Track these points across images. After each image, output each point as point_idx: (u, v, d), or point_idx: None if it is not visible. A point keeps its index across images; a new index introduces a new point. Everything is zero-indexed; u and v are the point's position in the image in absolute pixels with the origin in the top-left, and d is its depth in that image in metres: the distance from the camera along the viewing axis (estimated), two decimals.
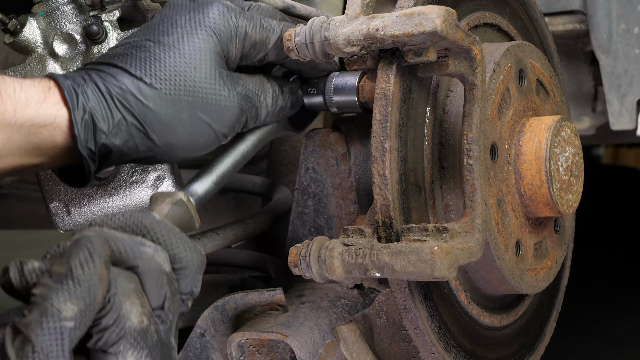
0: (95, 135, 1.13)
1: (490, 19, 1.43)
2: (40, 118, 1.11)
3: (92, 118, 1.12)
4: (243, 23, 1.24)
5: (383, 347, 1.31)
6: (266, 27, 1.27)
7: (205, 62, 1.20)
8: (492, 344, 1.42)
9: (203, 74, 1.19)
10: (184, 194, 1.26)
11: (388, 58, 1.21)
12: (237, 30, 1.23)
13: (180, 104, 1.18)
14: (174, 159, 1.24)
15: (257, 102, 1.27)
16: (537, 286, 1.42)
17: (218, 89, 1.21)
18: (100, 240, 0.91)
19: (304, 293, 1.40)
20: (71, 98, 1.12)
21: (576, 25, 2.03)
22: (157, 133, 1.17)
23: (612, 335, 2.98)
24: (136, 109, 1.15)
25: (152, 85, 1.16)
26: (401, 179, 1.22)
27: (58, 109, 1.12)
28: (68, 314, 0.86)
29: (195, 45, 1.19)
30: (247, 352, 1.32)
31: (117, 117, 1.14)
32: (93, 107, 1.13)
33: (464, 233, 1.20)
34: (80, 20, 1.30)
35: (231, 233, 1.51)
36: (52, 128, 1.12)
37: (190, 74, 1.18)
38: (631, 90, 1.98)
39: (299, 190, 1.43)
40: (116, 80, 1.15)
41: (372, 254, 1.15)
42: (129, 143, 1.16)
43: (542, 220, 1.43)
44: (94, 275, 0.88)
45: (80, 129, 1.12)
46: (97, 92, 1.14)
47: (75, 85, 1.13)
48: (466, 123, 1.23)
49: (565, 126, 1.40)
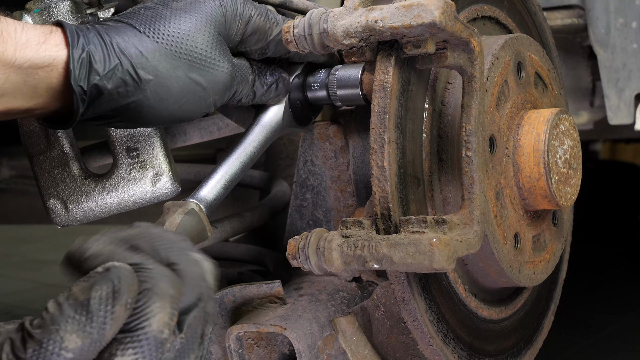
0: (90, 75, 1.14)
1: (489, 11, 1.43)
2: (39, 59, 1.12)
3: (89, 58, 1.14)
4: (250, 7, 1.28)
5: (381, 339, 1.31)
6: (271, 18, 1.30)
7: (209, 28, 1.24)
8: (491, 337, 1.42)
9: (205, 38, 1.23)
10: (196, 204, 1.26)
11: (387, 50, 1.21)
12: (242, 10, 1.27)
13: (178, 61, 1.21)
14: (160, 118, 1.24)
15: (247, 81, 1.31)
16: (536, 279, 1.42)
17: (216, 54, 1.24)
18: (129, 279, 0.88)
19: (303, 286, 1.40)
20: (72, 38, 1.14)
21: (574, 20, 2.02)
22: (150, 85, 1.19)
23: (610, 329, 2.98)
24: (135, 58, 1.17)
25: (153, 40, 1.20)
26: (400, 171, 1.22)
27: (58, 50, 1.14)
28: (70, 346, 0.84)
29: (202, 11, 1.24)
30: (246, 345, 1.32)
31: (114, 62, 1.16)
32: (92, 49, 1.15)
33: (462, 225, 1.20)
34: (76, 18, 1.30)
35: (229, 226, 1.51)
36: (50, 69, 1.13)
37: (192, 36, 1.22)
38: (629, 84, 1.98)
39: (298, 183, 1.43)
40: (120, 32, 1.19)
41: (370, 245, 1.15)
42: (121, 89, 1.17)
43: (540, 213, 1.43)
44: (109, 315, 0.86)
45: (76, 65, 1.13)
46: (98, 38, 1.16)
47: (79, 29, 1.16)
48: (465, 115, 1.23)
49: (564, 119, 1.40)
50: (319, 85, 1.36)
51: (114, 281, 0.87)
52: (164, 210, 1.29)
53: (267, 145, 1.37)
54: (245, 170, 1.33)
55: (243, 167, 1.32)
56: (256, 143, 1.34)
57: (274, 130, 1.36)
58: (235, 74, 1.28)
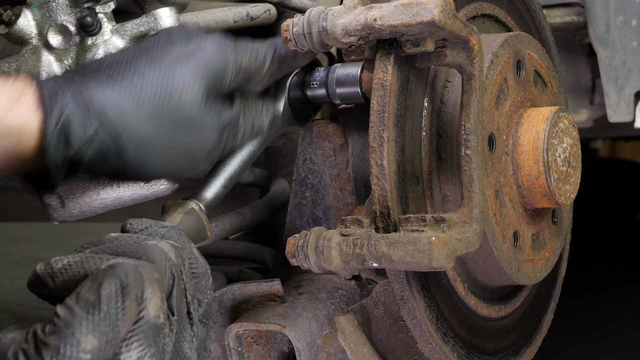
0: (67, 144, 1.05)
1: (488, 9, 1.43)
2: (8, 122, 1.02)
3: (66, 126, 1.05)
4: (240, 54, 1.20)
5: (381, 337, 1.31)
6: (261, 54, 1.22)
7: (196, 85, 1.14)
8: (490, 335, 1.42)
9: (192, 96, 1.13)
10: (196, 203, 1.26)
11: (386, 48, 1.21)
12: (233, 61, 1.18)
13: (162, 121, 1.11)
14: (144, 178, 1.18)
15: (237, 130, 1.21)
16: (535, 277, 1.42)
17: (203, 114, 1.15)
18: (135, 273, 0.89)
19: (302, 284, 1.40)
20: (50, 101, 1.04)
21: (574, 18, 2.02)
22: (132, 151, 1.10)
23: (609, 328, 2.98)
24: (115, 119, 1.07)
25: (136, 97, 1.10)
26: (399, 170, 1.22)
27: (31, 112, 1.04)
28: (87, 347, 0.85)
29: (186, 71, 1.14)
30: (245, 343, 1.32)
31: (94, 126, 1.06)
32: (70, 113, 1.05)
33: (461, 223, 1.20)
34: (75, 12, 1.30)
35: (229, 224, 1.51)
36: (20, 134, 1.03)
37: (178, 94, 1.12)
38: (629, 82, 1.98)
39: (297, 182, 1.43)
40: (100, 87, 1.09)
41: (369, 244, 1.15)
42: (101, 157, 1.08)
43: (539, 211, 1.43)
44: (121, 312, 0.87)
45: (52, 137, 1.04)
46: (77, 97, 1.06)
47: (56, 86, 1.06)
48: (464, 114, 1.23)
49: (563, 117, 1.40)
50: (318, 83, 1.36)
51: (121, 277, 0.87)
52: (164, 209, 1.29)
53: (267, 144, 1.37)
54: (244, 169, 1.33)
55: (242, 165, 1.32)
56: (255, 142, 1.34)
57: (274, 129, 1.36)
58: (224, 132, 1.18)
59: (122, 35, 1.30)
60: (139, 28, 1.30)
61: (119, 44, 1.30)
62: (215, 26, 1.43)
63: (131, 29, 1.30)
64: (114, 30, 1.30)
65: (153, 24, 1.31)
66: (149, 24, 1.31)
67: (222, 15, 1.44)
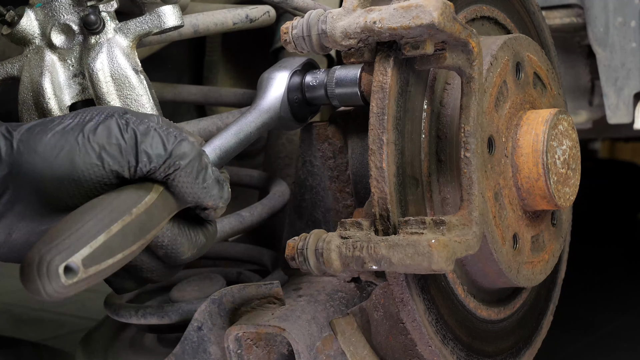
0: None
1: (488, 12, 1.43)
2: None
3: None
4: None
5: (380, 340, 1.31)
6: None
7: None
8: (490, 337, 1.42)
9: None
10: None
11: (385, 51, 1.21)
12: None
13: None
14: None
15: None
16: (534, 279, 1.42)
17: None
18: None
19: (301, 286, 1.40)
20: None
21: (573, 19, 2.02)
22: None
23: (609, 329, 2.98)
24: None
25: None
26: (398, 172, 1.22)
27: None
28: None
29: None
30: (245, 346, 1.32)
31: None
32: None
33: (461, 226, 1.20)
34: (78, 11, 1.29)
35: (228, 226, 1.51)
36: None
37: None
38: (628, 83, 1.98)
39: (296, 184, 1.43)
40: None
41: (369, 246, 1.15)
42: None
43: (539, 214, 1.43)
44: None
45: None
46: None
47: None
48: (463, 116, 1.23)
49: (563, 119, 1.40)
50: (317, 84, 1.36)
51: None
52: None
53: (264, 130, 1.35)
54: (241, 148, 1.30)
55: (238, 143, 1.29)
56: (253, 125, 1.32)
57: (272, 118, 1.35)
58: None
59: (125, 34, 1.30)
60: (142, 26, 1.30)
61: (122, 42, 1.29)
62: (215, 28, 1.43)
63: (135, 27, 1.30)
64: (118, 28, 1.30)
65: (157, 22, 1.30)
66: (152, 22, 1.30)
67: (221, 17, 1.44)
